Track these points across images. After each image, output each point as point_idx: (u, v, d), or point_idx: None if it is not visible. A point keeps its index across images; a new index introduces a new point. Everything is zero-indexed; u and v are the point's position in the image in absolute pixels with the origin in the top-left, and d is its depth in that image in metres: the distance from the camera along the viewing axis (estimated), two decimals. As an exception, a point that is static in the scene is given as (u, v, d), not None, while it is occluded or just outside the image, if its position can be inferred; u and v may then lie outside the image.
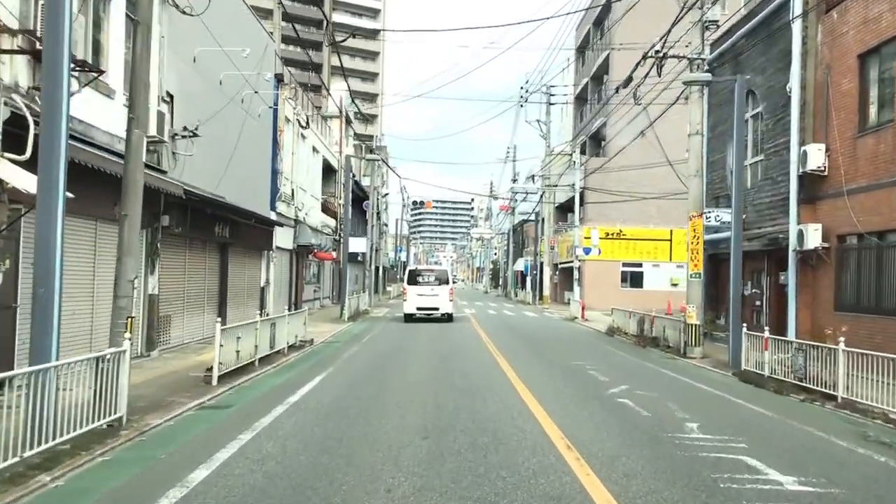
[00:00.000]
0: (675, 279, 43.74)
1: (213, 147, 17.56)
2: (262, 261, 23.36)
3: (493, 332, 22.69)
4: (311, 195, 31.51)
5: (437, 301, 26.46)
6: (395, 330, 23.53)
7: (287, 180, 26.01)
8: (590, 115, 50.13)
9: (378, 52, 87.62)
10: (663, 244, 43.85)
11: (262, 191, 23.07)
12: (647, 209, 43.83)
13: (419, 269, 27.43)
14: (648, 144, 44.52)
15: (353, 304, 28.26)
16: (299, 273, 29.12)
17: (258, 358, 13.46)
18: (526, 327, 26.08)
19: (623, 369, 14.63)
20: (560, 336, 23.01)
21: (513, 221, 65.17)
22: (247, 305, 21.64)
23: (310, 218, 30.54)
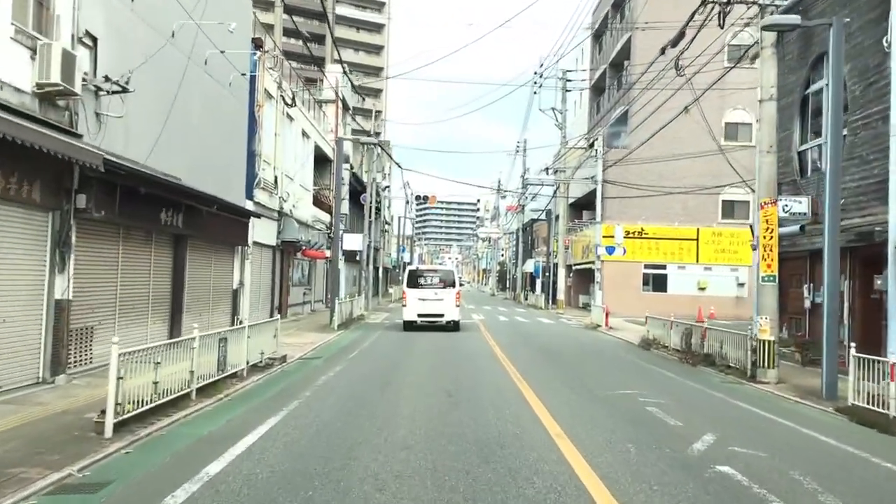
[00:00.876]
0: (702, 282, 40.07)
1: (163, 114, 13.99)
2: (235, 258, 19.79)
3: (509, 345, 19.06)
4: (301, 185, 27.94)
5: (442, 306, 22.87)
6: (391, 341, 19.92)
7: (268, 165, 22.44)
8: (608, 104, 46.49)
9: (383, 24, 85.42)
10: (689, 244, 40.15)
11: (236, 175, 19.50)
12: (671, 206, 40.17)
13: (421, 270, 23.79)
14: (673, 137, 40.89)
15: (345, 310, 24.66)
16: (284, 273, 25.54)
17: (198, 387, 9.88)
18: (545, 338, 22.42)
19: (688, 403, 10.98)
20: (587, 349, 19.36)
21: (522, 220, 61.50)
22: (214, 312, 18.06)
23: (298, 211, 26.97)
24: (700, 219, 40.23)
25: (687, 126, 41.07)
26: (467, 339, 20.70)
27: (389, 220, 69.48)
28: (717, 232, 40.04)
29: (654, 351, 19.59)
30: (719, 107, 40.00)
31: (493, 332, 23.29)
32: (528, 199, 59.94)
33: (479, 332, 23.60)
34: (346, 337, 20.84)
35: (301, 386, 11.50)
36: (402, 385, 11.64)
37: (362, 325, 26.19)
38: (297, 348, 17.04)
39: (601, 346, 20.28)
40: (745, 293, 40.03)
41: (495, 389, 11.30)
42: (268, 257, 23.55)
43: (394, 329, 24.04)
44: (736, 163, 41.24)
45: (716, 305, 39.30)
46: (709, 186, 39.67)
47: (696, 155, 39.26)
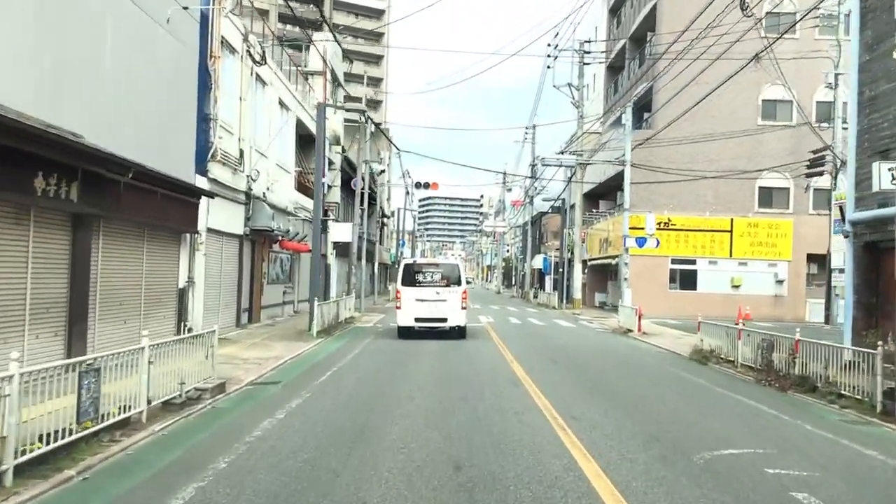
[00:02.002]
0: (736, 279, 35.78)
1: (43, 43, 9.78)
2: (182, 249, 15.58)
3: (531, 360, 14.82)
4: (279, 165, 23.70)
5: (445, 309, 18.67)
6: (379, 355, 15.67)
7: (230, 134, 18.21)
8: (627, 83, 42.18)
9: (383, 10, 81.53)
10: (721, 236, 35.86)
11: (180, 142, 15.28)
12: (702, 193, 35.91)
13: (419, 264, 19.48)
14: (703, 116, 36.52)
15: (328, 313, 20.43)
16: (256, 269, 21.31)
17: (24, 461, 5.69)
18: (572, 348, 18.16)
19: (840, 473, 6.72)
20: (631, 365, 15.09)
21: (531, 212, 57.21)
22: (148, 318, 13.85)
23: (275, 195, 22.74)
24: (734, 208, 35.94)
25: (718, 103, 36.88)
26: (477, 351, 16.46)
27: (389, 213, 65.28)
28: (754, 223, 35.74)
29: (713, 366, 15.34)
30: (755, 82, 35.62)
31: (507, 341, 19.05)
32: (536, 191, 55.75)
33: (489, 340, 19.35)
34: (325, 348, 16.61)
35: (221, 444, 7.27)
36: (383, 444, 7.38)
37: (350, 330, 21.97)
38: (254, 367, 12.82)
39: (647, 361, 16.00)
40: (784, 291, 35.80)
41: (532, 454, 7.03)
42: (232, 249, 19.32)
43: (386, 336, 19.80)
44: (774, 145, 37.02)
45: (751, 305, 35.00)
46: (744, 171, 35.39)
47: (730, 136, 34.95)
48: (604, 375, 13.08)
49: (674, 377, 13.46)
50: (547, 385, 11.33)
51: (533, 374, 12.60)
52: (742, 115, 35.86)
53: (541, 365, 13.99)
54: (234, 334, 17.95)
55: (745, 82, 34.51)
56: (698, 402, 10.80)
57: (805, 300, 35.75)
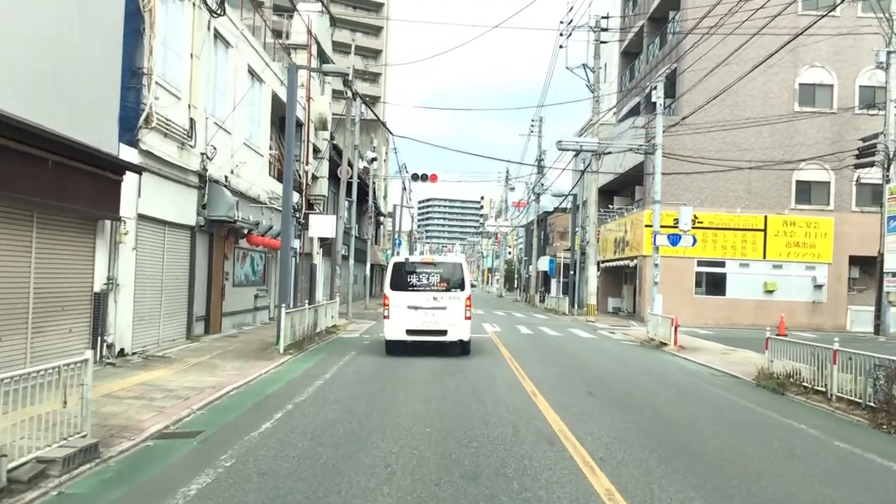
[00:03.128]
0: (770, 284, 32.08)
1: None
2: (97, 240, 11.85)
3: (558, 391, 11.09)
4: (247, 145, 19.97)
5: (444, 319, 14.94)
6: (357, 383, 11.92)
7: (175, 99, 14.50)
8: (645, 67, 38.49)
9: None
10: (754, 235, 32.15)
11: (96, 100, 11.57)
12: (732, 187, 32.21)
13: (412, 264, 15.61)
14: (734, 102, 32.81)
15: (302, 323, 16.67)
16: (215, 268, 17.58)
17: None
18: (608, 372, 14.40)
19: None
20: (692, 397, 11.33)
21: (537, 210, 53.50)
22: (41, 333, 10.13)
23: (242, 181, 19.05)
24: (768, 204, 32.24)
25: (750, 88, 33.18)
26: (486, 377, 12.70)
27: (386, 212, 61.59)
28: (790, 220, 32.02)
29: (795, 398, 11.64)
30: (791, 64, 32.02)
31: (522, 358, 15.31)
32: (543, 188, 52.10)
33: (498, 357, 15.62)
34: (289, 370, 12.85)
35: None
36: None
37: (329, 342, 18.24)
38: (175, 404, 9.10)
39: (709, 392, 12.25)
40: (823, 297, 32.07)
41: None
42: (179, 242, 15.58)
43: (371, 352, 16.07)
44: (813, 134, 33.30)
45: (786, 312, 31.29)
46: (779, 162, 31.71)
47: (764, 123, 31.24)
48: (667, 418, 9.32)
49: (759, 419, 9.70)
50: (598, 443, 7.58)
51: (570, 418, 8.85)
52: (777, 100, 32.19)
53: (576, 401, 10.24)
54: (176, 350, 14.20)
55: (779, 64, 30.92)
56: (821, 468, 7.06)
57: (846, 307, 32.04)
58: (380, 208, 55.63)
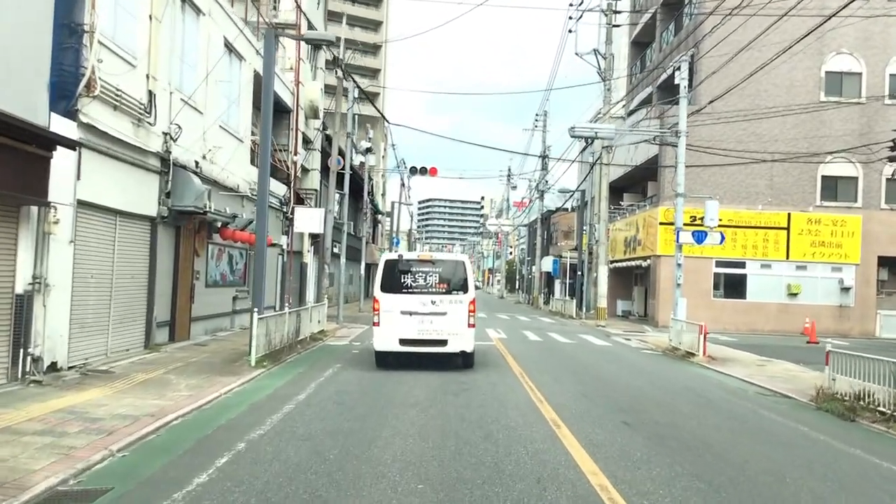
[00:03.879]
0: (794, 286, 29.90)
1: None
2: (20, 230, 9.67)
3: (586, 419, 8.92)
4: (223, 128, 17.81)
5: (444, 326, 12.76)
6: (336, 409, 9.75)
7: (129, 67, 12.33)
8: (658, 56, 36.34)
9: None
10: (776, 234, 29.98)
11: (21, 61, 9.38)
12: (753, 183, 30.05)
13: (408, 262, 13.30)
14: (755, 91, 30.62)
15: (279, 329, 14.46)
16: (182, 266, 15.38)
17: None
18: (639, 392, 12.19)
19: None
20: (746, 426, 9.14)
21: (541, 209, 51.34)
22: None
23: (215, 167, 16.88)
24: (791, 200, 30.07)
25: (773, 76, 31.00)
26: (494, 400, 10.52)
27: (384, 210, 59.46)
28: (815, 218, 29.85)
29: (870, 426, 9.49)
30: (817, 51, 29.84)
31: (535, 373, 13.15)
32: (547, 185, 49.98)
33: (507, 372, 13.45)
34: (256, 390, 10.66)
35: None
36: None
37: (312, 351, 16.07)
38: (92, 443, 6.93)
39: (767, 420, 10.07)
40: (850, 301, 29.88)
41: None
42: (135, 235, 13.40)
43: (359, 364, 13.89)
44: (840, 126, 31.12)
45: (811, 317, 29.15)
46: (804, 155, 29.53)
47: (788, 112, 29.06)
48: (737, 466, 7.10)
49: (852, 464, 7.52)
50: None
51: (609, 465, 6.66)
52: (801, 89, 30.01)
53: (612, 437, 8.06)
54: (126, 363, 12.02)
55: (804, 51, 28.80)
56: None
57: (875, 312, 29.89)
58: (378, 206, 53.47)
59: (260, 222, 13.83)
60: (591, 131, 20.75)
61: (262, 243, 13.82)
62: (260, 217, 13.83)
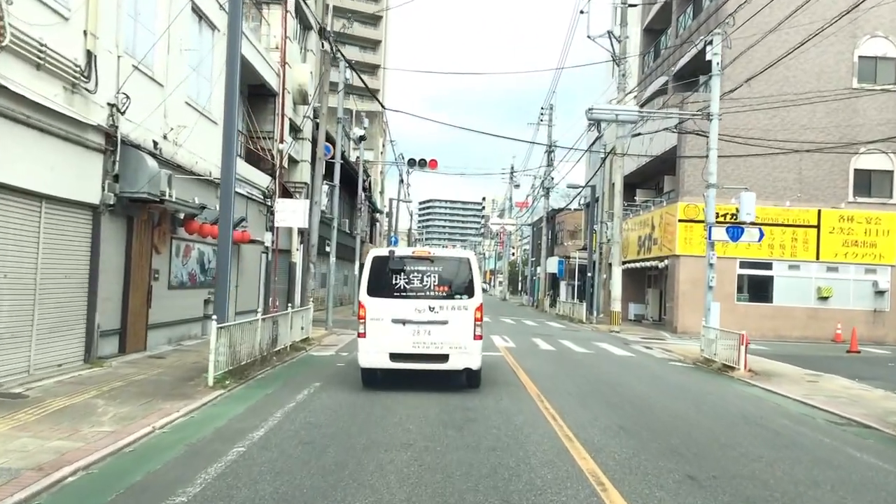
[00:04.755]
0: (824, 289, 27.59)
1: None
2: None
3: (639, 472, 6.59)
4: (191, 105, 15.47)
5: (445, 337, 10.43)
6: (304, 448, 7.44)
7: (59, 18, 10.02)
8: (675, 41, 34.02)
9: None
10: (805, 233, 27.67)
11: None
12: (780, 177, 27.75)
13: (400, 259, 10.75)
14: (783, 77, 28.27)
15: (247, 340, 12.13)
16: (136, 263, 13.06)
17: None
18: (685, 419, 9.88)
19: None
20: (847, 484, 6.83)
21: (546, 207, 49.04)
22: None
23: (180, 150, 14.60)
24: (822, 196, 27.76)
25: (802, 61, 28.71)
26: (506, 433, 8.24)
27: (382, 208, 57.21)
28: (847, 215, 27.54)
29: None
30: (850, 34, 27.51)
31: (553, 392, 10.85)
32: (553, 181, 47.75)
33: (520, 390, 11.16)
34: (203, 423, 8.32)
35: None
36: None
37: (289, 365, 13.76)
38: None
39: (871, 468, 7.75)
40: (885, 305, 27.56)
41: None
42: (71, 226, 11.08)
43: (343, 383, 11.58)
44: (874, 115, 28.79)
45: (843, 322, 26.88)
46: (837, 144, 27.20)
47: (818, 100, 26.69)
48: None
49: None
50: None
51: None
52: (832, 75, 27.70)
53: (680, 500, 5.73)
54: (52, 382, 9.71)
55: (836, 34, 26.51)
56: None
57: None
58: (375, 204, 51.17)
59: (224, 211, 11.51)
60: (611, 113, 18.45)
61: (225, 237, 11.50)
62: (224, 205, 11.51)
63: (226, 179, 11.44)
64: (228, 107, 11.56)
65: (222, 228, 11.54)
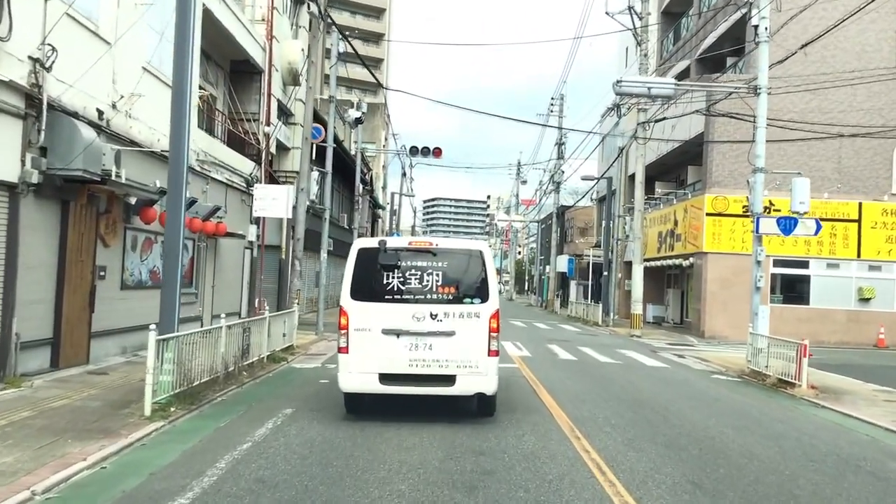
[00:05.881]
0: (866, 290, 25.18)
1: None
2: None
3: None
4: (149, 71, 13.11)
5: (451, 352, 8.10)
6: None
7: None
8: (697, 23, 31.59)
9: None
10: (845, 228, 25.26)
11: None
12: (818, 166, 25.31)
13: (393, 252, 8.46)
14: (822, 56, 25.83)
15: (203, 355, 9.78)
16: (72, 259, 10.72)
17: None
18: (773, 465, 7.49)
19: None
20: None
21: (556, 202, 46.66)
22: None
23: (136, 123, 12.30)
24: (863, 187, 25.37)
25: (841, 39, 26.32)
26: (539, 496, 5.81)
27: (385, 204, 54.90)
28: (891, 209, 25.17)
29: None
30: (893, 9, 25.12)
31: (587, 421, 8.53)
32: (562, 175, 45.44)
33: (544, 418, 8.86)
34: (115, 479, 5.98)
35: None
36: None
37: (261, 382, 11.39)
38: None
39: None
40: (933, 307, 25.07)
41: None
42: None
43: (322, 408, 9.24)
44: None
45: (887, 325, 24.48)
46: (881, 129, 24.74)
47: (858, 81, 24.22)
48: None
49: None
50: None
51: None
52: (874, 55, 25.28)
53: None
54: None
55: (878, 9, 24.15)
56: None
57: (963, 320, 25.13)
58: (377, 199, 48.87)
59: (173, 189, 9.16)
60: (643, 86, 16.03)
61: (175, 224, 9.16)
62: (174, 181, 9.15)
63: (176, 148, 9.10)
64: (180, 40, 9.24)
65: (171, 212, 9.22)
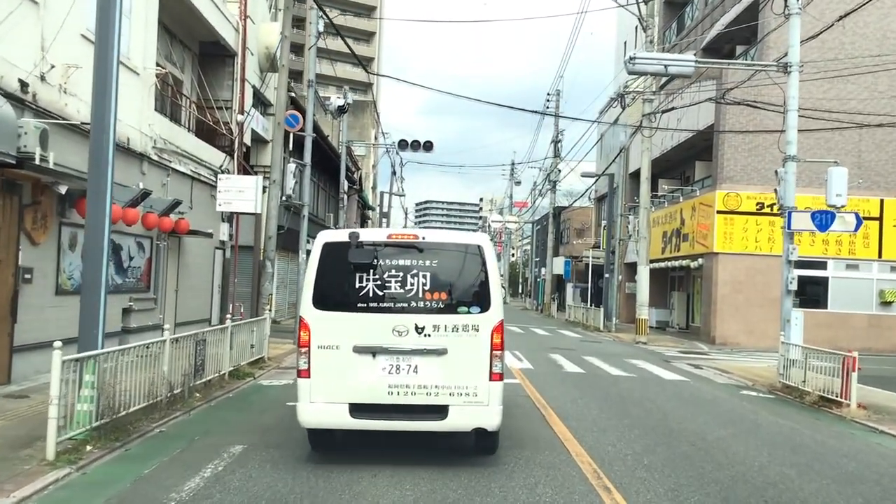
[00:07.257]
0: (889, 293, 23.61)
1: None
2: None
3: None
4: (88, 38, 11.24)
5: (441, 376, 6.33)
6: None
7: None
8: (703, 10, 29.97)
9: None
10: (866, 226, 23.15)
11: None
12: (836, 159, 23.45)
13: (369, 248, 6.60)
14: (840, 42, 24.04)
15: (132, 375, 7.96)
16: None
17: None
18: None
19: None
20: None
21: (553, 202, 44.97)
22: None
23: (68, 99, 10.50)
24: (885, 183, 23.80)
25: (861, 24, 24.74)
26: None
27: (374, 205, 53.09)
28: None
29: None
30: None
31: (614, 461, 6.79)
32: (559, 173, 43.80)
33: (558, 454, 7.14)
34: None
35: None
36: None
37: (215, 405, 9.54)
38: None
39: None
40: (958, 312, 23.43)
41: None
42: None
43: (283, 442, 7.44)
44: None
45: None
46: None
47: (879, 68, 22.60)
48: None
49: None
50: None
51: None
52: (895, 41, 23.70)
53: None
54: None
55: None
56: None
57: None
58: (366, 200, 47.07)
59: (94, 174, 7.36)
60: (659, 64, 14.27)
61: (98, 213, 7.36)
62: (95, 163, 7.36)
63: (98, 117, 7.31)
64: (100, 43, 7.47)
65: (92, 200, 7.42)
